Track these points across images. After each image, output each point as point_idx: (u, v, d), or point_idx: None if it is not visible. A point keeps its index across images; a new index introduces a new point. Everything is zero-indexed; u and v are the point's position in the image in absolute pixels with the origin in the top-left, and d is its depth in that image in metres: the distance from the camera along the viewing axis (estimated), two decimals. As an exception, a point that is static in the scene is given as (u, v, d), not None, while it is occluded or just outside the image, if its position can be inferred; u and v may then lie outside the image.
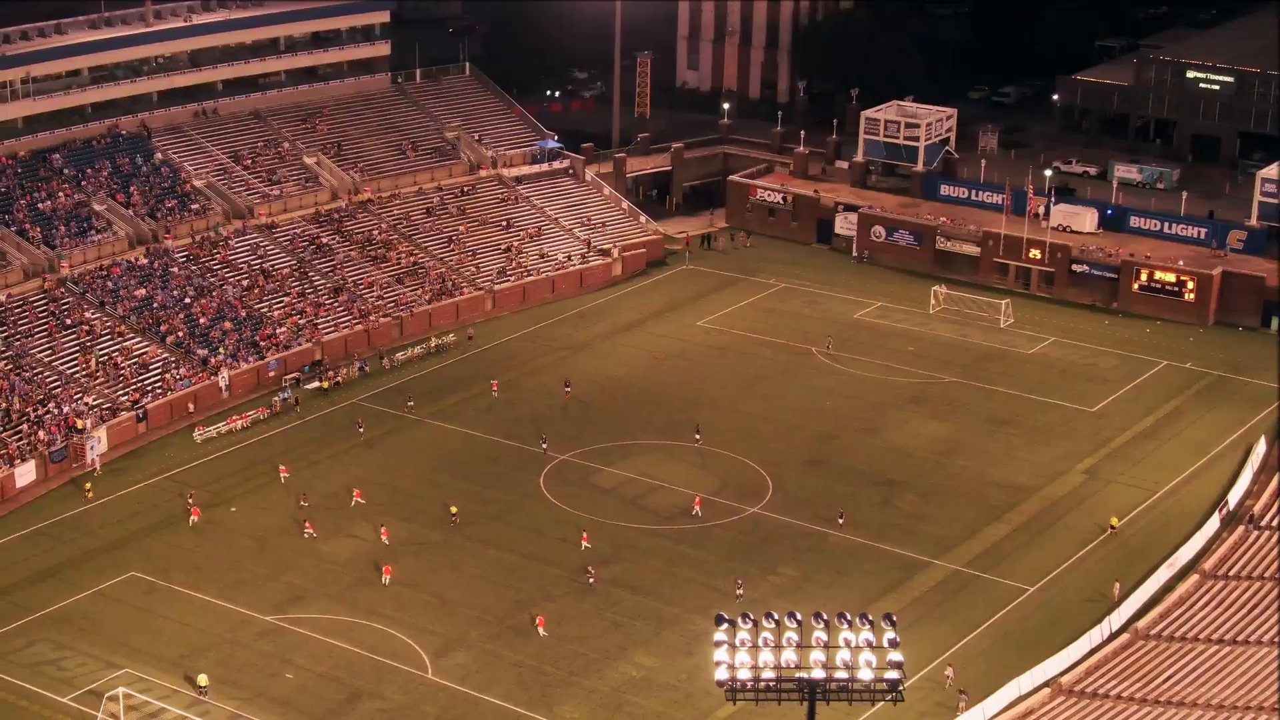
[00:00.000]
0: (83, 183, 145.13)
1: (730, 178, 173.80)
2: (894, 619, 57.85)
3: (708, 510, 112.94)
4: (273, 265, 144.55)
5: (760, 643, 57.14)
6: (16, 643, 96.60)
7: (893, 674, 56.91)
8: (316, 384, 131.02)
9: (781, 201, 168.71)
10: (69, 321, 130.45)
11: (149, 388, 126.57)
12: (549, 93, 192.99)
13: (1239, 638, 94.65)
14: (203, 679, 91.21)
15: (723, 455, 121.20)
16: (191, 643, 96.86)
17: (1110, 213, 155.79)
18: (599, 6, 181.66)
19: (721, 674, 57.29)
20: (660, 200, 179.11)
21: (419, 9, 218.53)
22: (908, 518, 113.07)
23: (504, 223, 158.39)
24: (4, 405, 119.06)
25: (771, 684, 56.97)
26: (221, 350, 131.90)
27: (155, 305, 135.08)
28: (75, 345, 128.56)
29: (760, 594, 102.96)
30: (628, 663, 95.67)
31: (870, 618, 57.81)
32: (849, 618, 58.09)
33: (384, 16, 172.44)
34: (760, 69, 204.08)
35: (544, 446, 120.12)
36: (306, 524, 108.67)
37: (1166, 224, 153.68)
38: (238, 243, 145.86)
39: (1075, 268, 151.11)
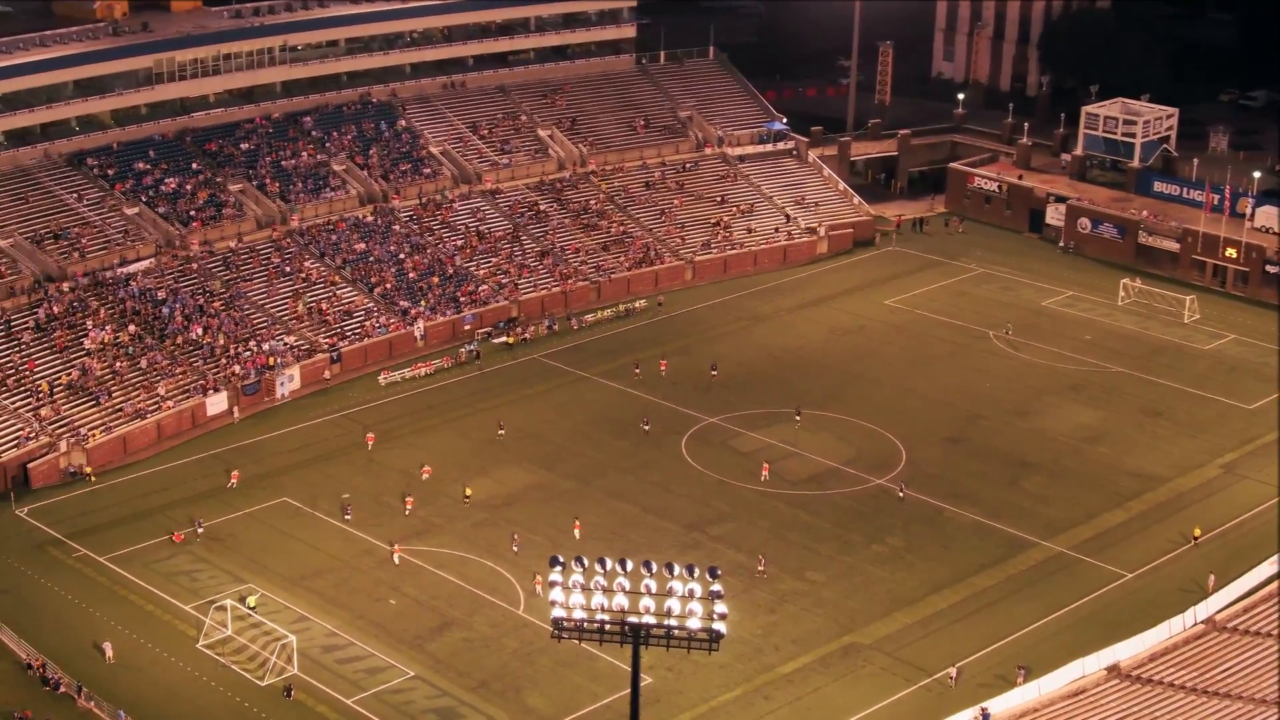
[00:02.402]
0: (327, 144, 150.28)
1: (951, 165, 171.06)
2: (718, 572, 57.01)
3: (831, 478, 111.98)
4: (489, 228, 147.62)
5: (593, 585, 57.08)
6: (162, 553, 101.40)
7: (719, 625, 56.31)
8: (503, 339, 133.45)
9: (997, 190, 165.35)
10: (288, 269, 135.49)
11: (348, 333, 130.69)
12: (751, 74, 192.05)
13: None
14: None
15: (865, 427, 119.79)
16: (315, 565, 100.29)
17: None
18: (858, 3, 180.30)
19: (557, 612, 57.37)
20: (886, 184, 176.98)
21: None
22: (1030, 499, 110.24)
23: (719, 198, 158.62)
24: (209, 341, 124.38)
25: (602, 625, 56.90)
26: (423, 303, 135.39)
27: (371, 259, 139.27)
28: (289, 291, 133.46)
29: (856, 561, 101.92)
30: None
31: (695, 570, 57.18)
32: (676, 569, 57.59)
33: (632, 1, 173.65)
34: (1011, 63, 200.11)
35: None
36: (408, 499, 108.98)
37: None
38: (460, 206, 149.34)
39: (1269, 268, 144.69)
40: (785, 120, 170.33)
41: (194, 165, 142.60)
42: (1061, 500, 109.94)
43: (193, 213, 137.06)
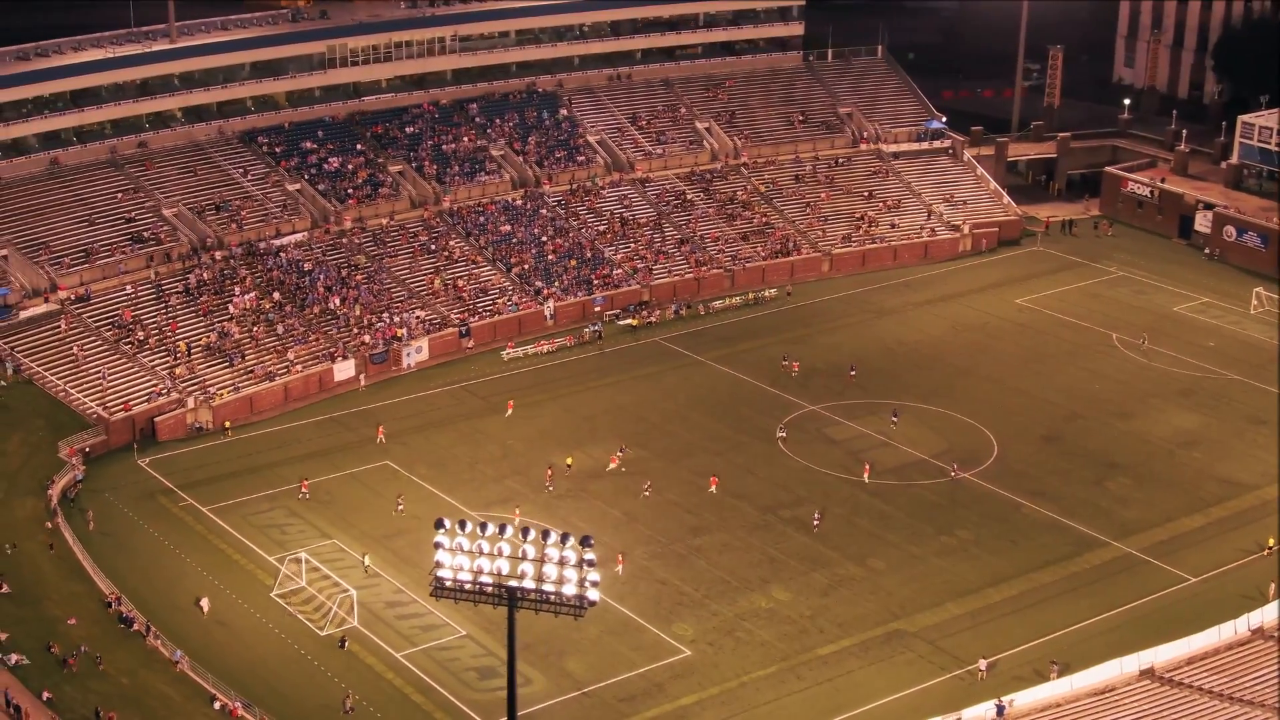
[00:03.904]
0: (488, 130, 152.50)
1: (1106, 169, 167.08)
2: (591, 541, 56.94)
3: (915, 470, 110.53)
4: (633, 215, 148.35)
5: (476, 549, 57.42)
6: (261, 506, 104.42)
7: (593, 594, 56.35)
8: (628, 320, 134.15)
9: (1149, 195, 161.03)
10: (434, 247, 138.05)
11: (480, 309, 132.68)
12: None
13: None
14: (368, 559, 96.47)
15: (963, 422, 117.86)
16: (399, 525, 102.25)
17: None
18: (1048, 5, 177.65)
19: (443, 573, 57.87)
20: (1045, 185, 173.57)
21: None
22: (1111, 499, 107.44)
23: (867, 193, 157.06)
24: (344, 311, 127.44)
25: (484, 587, 57.22)
26: (556, 284, 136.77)
27: (514, 241, 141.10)
28: (430, 268, 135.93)
29: (922, 551, 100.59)
30: (763, 595, 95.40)
31: (569, 539, 57.24)
32: (552, 536, 57.67)
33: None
34: (1189, 70, 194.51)
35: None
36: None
37: None
38: (609, 193, 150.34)
39: None
40: (945, 119, 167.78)
41: (358, 146, 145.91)
42: (1142, 502, 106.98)
43: (350, 190, 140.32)
